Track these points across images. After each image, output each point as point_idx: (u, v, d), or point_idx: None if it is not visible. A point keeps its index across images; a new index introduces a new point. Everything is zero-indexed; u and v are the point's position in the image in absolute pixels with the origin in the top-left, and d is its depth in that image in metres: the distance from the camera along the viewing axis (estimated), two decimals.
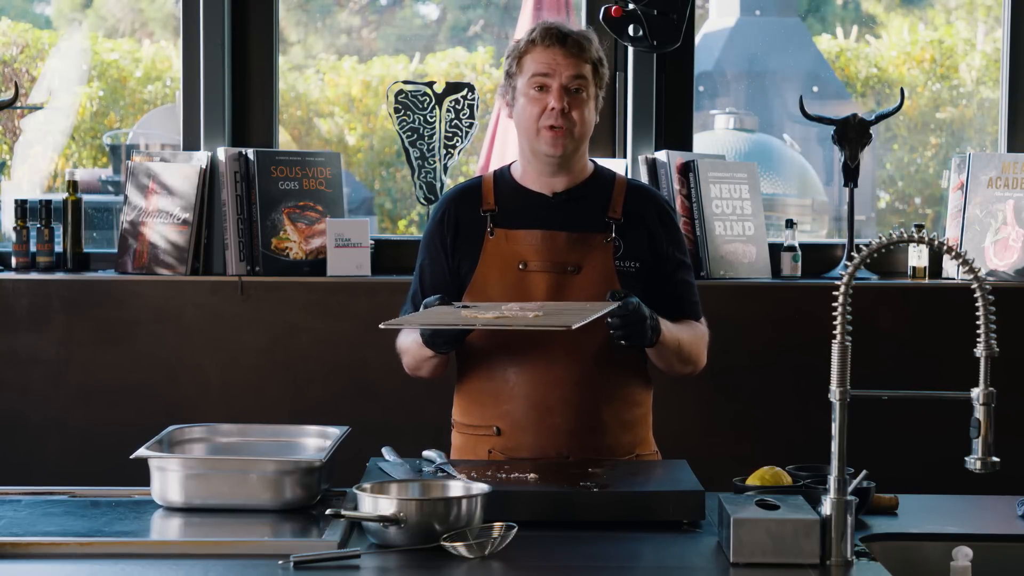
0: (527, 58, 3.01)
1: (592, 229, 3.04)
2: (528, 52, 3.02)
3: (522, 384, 2.99)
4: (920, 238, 2.32)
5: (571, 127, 2.99)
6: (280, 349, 4.01)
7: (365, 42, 6.01)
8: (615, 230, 3.04)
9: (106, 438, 3.96)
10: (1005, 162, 4.13)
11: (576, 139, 3.02)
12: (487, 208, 3.07)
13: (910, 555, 2.52)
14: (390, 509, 2.32)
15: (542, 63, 2.99)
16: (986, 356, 2.28)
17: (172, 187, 4.04)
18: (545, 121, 2.99)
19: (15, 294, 4.01)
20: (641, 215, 3.08)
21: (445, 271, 3.08)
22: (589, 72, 3.01)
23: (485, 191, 3.10)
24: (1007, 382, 2.81)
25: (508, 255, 3.02)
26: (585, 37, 3.03)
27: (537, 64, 3.00)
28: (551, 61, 2.99)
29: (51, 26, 5.52)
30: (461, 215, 3.09)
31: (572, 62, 2.99)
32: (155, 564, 2.27)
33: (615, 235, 3.04)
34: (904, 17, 6.06)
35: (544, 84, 2.99)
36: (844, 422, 2.30)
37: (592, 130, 3.07)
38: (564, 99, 2.98)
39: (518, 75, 3.03)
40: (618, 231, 3.05)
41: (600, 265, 3.02)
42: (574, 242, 3.02)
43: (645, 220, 3.07)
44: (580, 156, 3.08)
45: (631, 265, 3.03)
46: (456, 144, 4.14)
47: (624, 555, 2.34)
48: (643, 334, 2.87)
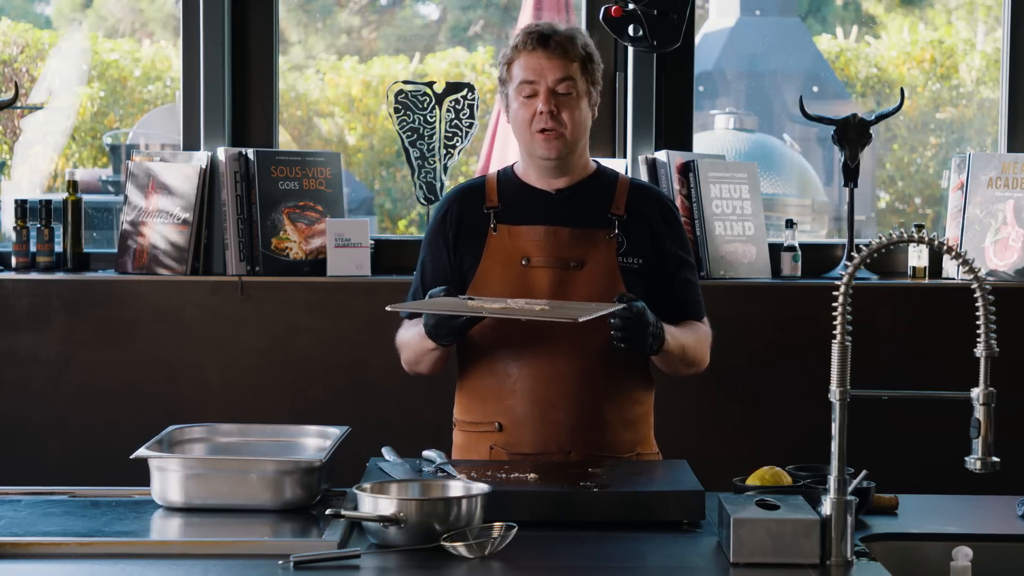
0: (515, 64, 3.04)
1: (595, 225, 3.05)
2: (515, 58, 3.04)
3: (524, 379, 2.99)
4: (920, 238, 2.32)
5: (562, 129, 3.01)
6: (280, 349, 4.01)
7: (365, 42, 6.01)
8: (618, 226, 3.05)
9: (106, 438, 3.96)
10: (1005, 162, 4.13)
11: (570, 140, 3.02)
12: (490, 205, 3.08)
13: (910, 555, 2.52)
14: (390, 509, 2.32)
15: (528, 68, 3.01)
16: (986, 356, 2.28)
17: (172, 187, 4.04)
18: (536, 125, 3.01)
19: (15, 294, 4.01)
20: (643, 212, 3.08)
21: (447, 268, 3.09)
22: (577, 71, 3.02)
23: (488, 189, 3.11)
24: (1007, 382, 2.81)
25: (511, 251, 3.03)
26: (569, 37, 3.03)
27: (523, 70, 3.02)
28: (536, 66, 3.01)
29: (51, 26, 5.52)
30: (464, 212, 3.10)
31: (557, 64, 3.00)
32: (155, 564, 2.27)
33: (618, 231, 3.04)
34: (904, 17, 6.06)
35: (532, 90, 3.01)
36: (844, 422, 2.30)
37: (588, 127, 3.07)
38: (552, 102, 2.99)
39: (509, 81, 3.05)
40: (621, 227, 3.05)
41: (603, 261, 3.02)
42: (577, 238, 3.03)
43: (647, 217, 3.08)
44: (579, 155, 3.08)
45: (634, 262, 3.04)
46: (456, 144, 4.14)
47: (624, 555, 2.34)
48: (643, 340, 2.86)
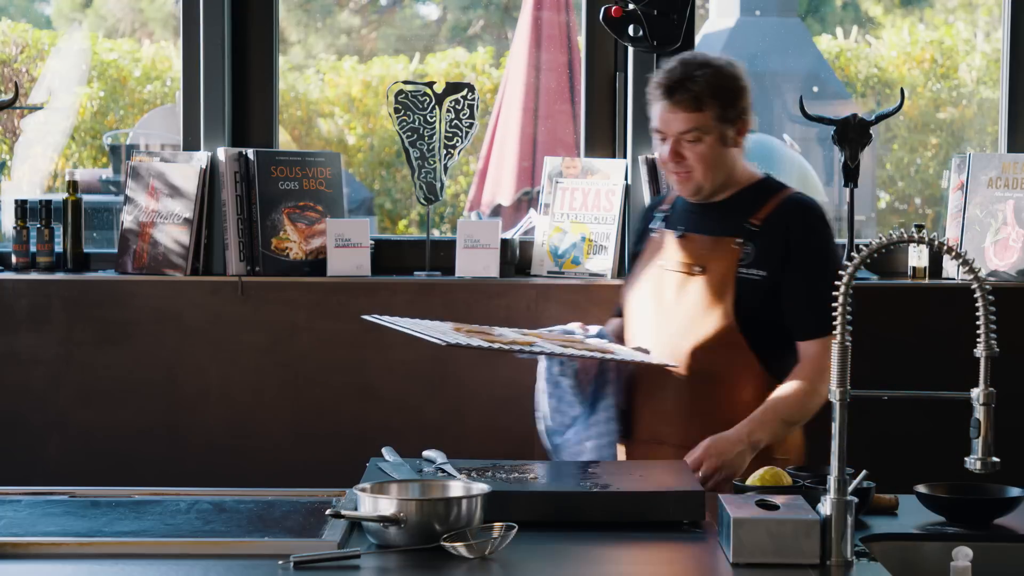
0: (651, 107, 3.14)
1: (727, 233, 3.10)
2: (651, 103, 3.14)
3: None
4: (920, 238, 2.32)
5: (689, 171, 3.09)
6: (280, 349, 4.01)
7: (365, 42, 6.01)
8: (749, 236, 3.08)
9: (106, 438, 3.96)
10: (1005, 162, 4.13)
11: (700, 179, 3.11)
12: (662, 210, 3.27)
13: (910, 555, 2.52)
14: (390, 509, 2.32)
15: (657, 118, 3.12)
16: (986, 356, 2.28)
17: (172, 187, 4.04)
18: (667, 168, 3.14)
19: (15, 294, 4.01)
20: (784, 226, 3.09)
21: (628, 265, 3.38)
22: (703, 119, 3.07)
23: (668, 198, 3.30)
24: (1007, 382, 2.81)
25: (657, 253, 3.19)
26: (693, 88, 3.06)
27: (655, 118, 3.13)
28: (663, 116, 3.11)
29: (51, 26, 5.53)
30: (645, 216, 3.33)
31: (680, 117, 3.08)
32: (155, 564, 2.27)
33: (747, 240, 3.07)
34: (904, 17, 6.06)
35: (662, 136, 3.12)
36: (844, 422, 2.30)
37: (721, 159, 3.11)
38: (676, 151, 3.09)
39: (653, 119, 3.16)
40: (753, 238, 3.08)
41: (723, 268, 3.07)
42: (704, 244, 3.11)
43: (786, 232, 3.08)
44: (721, 180, 3.13)
45: (756, 274, 3.06)
46: (456, 144, 4.14)
47: (624, 555, 2.35)
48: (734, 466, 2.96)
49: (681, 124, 3.07)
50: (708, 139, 3.07)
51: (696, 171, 3.08)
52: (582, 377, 3.09)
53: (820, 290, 2.82)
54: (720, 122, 3.08)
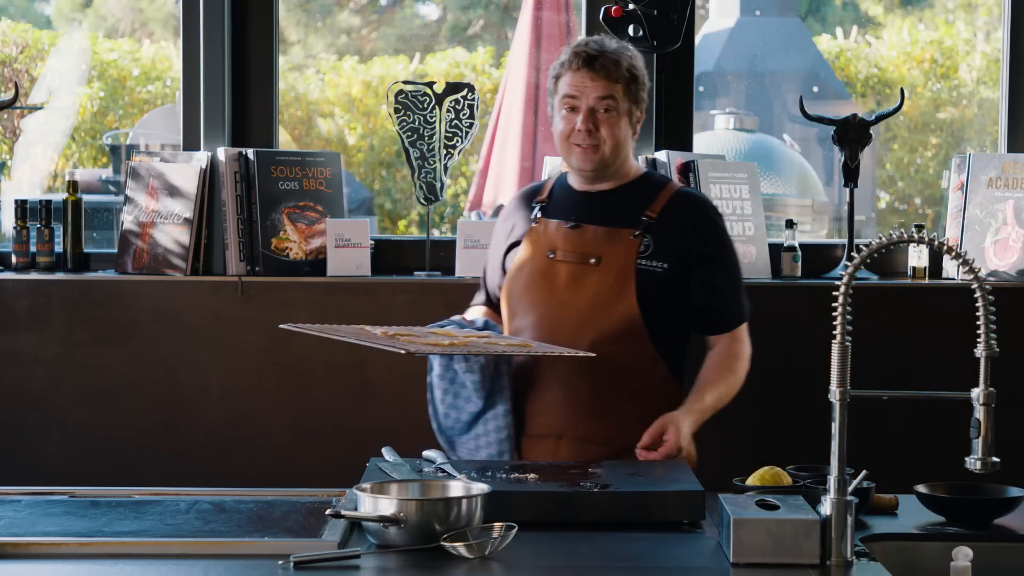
0: (561, 80, 3.14)
1: (623, 225, 3.12)
2: (562, 74, 3.14)
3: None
4: (920, 238, 2.32)
5: (599, 144, 3.10)
6: (280, 349, 4.01)
7: (365, 42, 6.01)
8: (647, 228, 3.09)
9: (106, 438, 3.96)
10: (1005, 162, 4.13)
11: (607, 155, 3.12)
12: (540, 200, 3.24)
13: (910, 555, 2.52)
14: (390, 509, 2.32)
15: (571, 85, 3.12)
16: (986, 356, 2.28)
17: (172, 187, 4.04)
18: (574, 139, 3.13)
19: (15, 294, 4.01)
20: (681, 219, 3.12)
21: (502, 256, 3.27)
22: (620, 91, 3.10)
23: (544, 187, 3.29)
24: (1007, 382, 2.81)
25: (543, 243, 3.16)
26: (614, 60, 3.11)
27: (567, 86, 3.12)
28: (579, 84, 3.11)
29: (51, 26, 5.53)
30: (522, 207, 3.29)
31: (600, 84, 3.10)
32: (155, 564, 2.27)
33: (645, 233, 3.09)
34: (904, 17, 6.06)
35: (573, 105, 3.11)
36: (844, 422, 2.30)
37: (627, 142, 3.15)
38: (590, 120, 3.09)
39: (554, 94, 3.16)
40: (650, 230, 3.10)
41: (621, 260, 3.07)
42: (601, 235, 3.11)
43: (684, 225, 3.12)
44: (618, 167, 3.17)
45: (657, 266, 3.08)
46: (456, 144, 4.14)
47: (624, 555, 2.34)
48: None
49: (601, 90, 3.09)
50: (620, 115, 3.11)
51: (605, 145, 3.11)
52: (485, 373, 3.09)
53: (737, 281, 3.14)
54: (630, 101, 3.12)
